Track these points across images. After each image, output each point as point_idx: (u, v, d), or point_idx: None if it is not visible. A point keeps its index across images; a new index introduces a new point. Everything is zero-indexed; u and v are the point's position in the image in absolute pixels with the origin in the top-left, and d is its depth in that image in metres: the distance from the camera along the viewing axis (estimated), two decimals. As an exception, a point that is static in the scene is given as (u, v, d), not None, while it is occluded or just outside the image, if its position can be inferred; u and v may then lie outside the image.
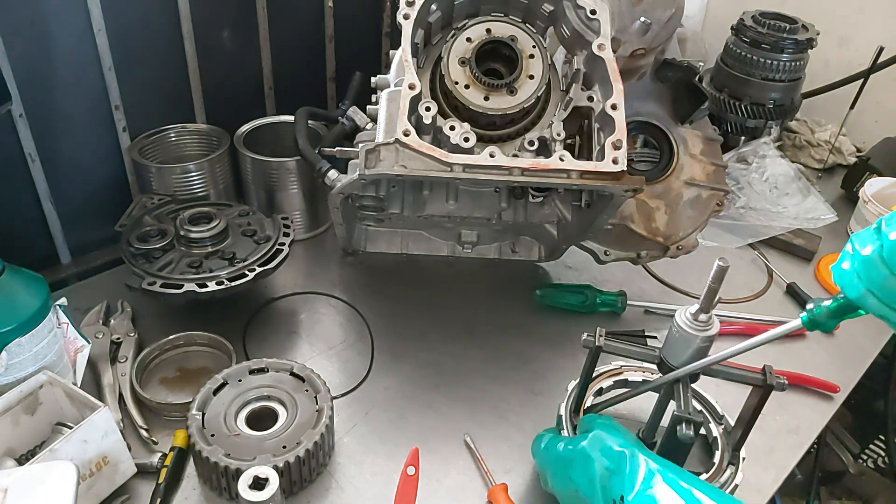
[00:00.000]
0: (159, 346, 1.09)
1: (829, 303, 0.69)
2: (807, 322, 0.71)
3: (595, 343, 0.84)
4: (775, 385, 0.82)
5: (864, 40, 1.65)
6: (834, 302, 0.69)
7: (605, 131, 0.94)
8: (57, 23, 1.13)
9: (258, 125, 1.42)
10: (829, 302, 0.69)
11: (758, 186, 1.57)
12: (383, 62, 1.70)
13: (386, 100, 0.96)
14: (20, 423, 0.87)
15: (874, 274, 0.62)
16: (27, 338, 0.86)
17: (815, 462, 1.61)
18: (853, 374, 1.21)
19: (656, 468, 0.70)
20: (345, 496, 0.93)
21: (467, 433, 1.01)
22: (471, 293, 1.32)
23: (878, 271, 0.61)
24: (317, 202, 1.41)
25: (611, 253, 1.25)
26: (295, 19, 1.48)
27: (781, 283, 1.42)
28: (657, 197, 1.20)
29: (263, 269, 1.11)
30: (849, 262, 0.64)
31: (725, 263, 0.73)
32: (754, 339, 0.77)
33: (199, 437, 0.89)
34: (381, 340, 1.19)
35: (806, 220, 1.51)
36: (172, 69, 1.34)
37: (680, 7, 1.12)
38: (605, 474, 0.74)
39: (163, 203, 1.23)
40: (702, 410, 0.94)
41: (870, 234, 0.63)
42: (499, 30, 0.98)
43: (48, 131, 1.18)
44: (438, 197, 1.22)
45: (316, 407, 0.95)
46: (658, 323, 1.27)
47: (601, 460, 0.75)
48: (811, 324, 0.71)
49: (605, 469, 0.74)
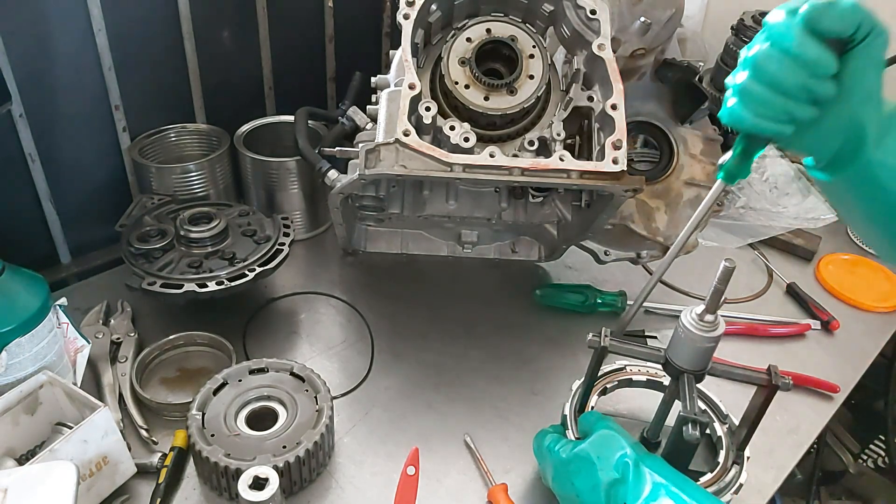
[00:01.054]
0: (159, 346, 1.09)
1: (732, 150, 0.73)
2: (724, 176, 0.75)
3: (601, 343, 0.84)
4: (781, 385, 0.82)
5: (864, 40, 1.65)
6: (735, 146, 0.73)
7: (605, 131, 0.95)
8: (57, 23, 1.13)
9: (258, 125, 1.42)
10: (730, 152, 0.73)
11: (758, 186, 1.57)
12: (383, 62, 1.70)
13: (386, 100, 0.96)
14: (20, 423, 0.87)
15: (750, 98, 0.67)
16: (27, 338, 0.86)
17: (815, 462, 1.61)
18: (853, 374, 1.20)
19: (661, 482, 0.71)
20: (345, 496, 0.93)
21: (467, 433, 1.01)
22: (471, 293, 1.32)
23: (753, 90, 0.66)
24: (317, 202, 1.41)
25: (611, 253, 1.25)
26: (295, 19, 1.48)
27: (781, 283, 1.42)
28: (657, 197, 1.20)
29: (263, 269, 1.11)
30: (732, 99, 0.69)
31: (732, 265, 0.73)
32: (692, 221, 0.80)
33: (199, 437, 0.88)
34: (381, 340, 1.19)
35: (806, 220, 1.51)
36: (172, 69, 1.34)
37: (680, 7, 1.12)
38: (609, 482, 0.75)
39: (163, 203, 1.23)
40: (706, 410, 0.94)
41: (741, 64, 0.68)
42: (499, 30, 0.98)
43: (48, 131, 1.18)
44: (438, 197, 1.22)
45: (316, 407, 0.95)
46: (658, 323, 1.27)
47: (606, 468, 0.76)
48: (728, 176, 0.74)
49: (610, 477, 0.75)
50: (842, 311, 1.34)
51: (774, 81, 0.65)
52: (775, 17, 0.65)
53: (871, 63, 0.65)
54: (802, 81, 0.64)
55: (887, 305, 1.36)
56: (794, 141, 0.70)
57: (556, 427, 0.92)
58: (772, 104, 0.66)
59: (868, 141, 0.67)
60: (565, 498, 0.83)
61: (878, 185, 0.69)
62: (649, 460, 0.75)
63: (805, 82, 0.64)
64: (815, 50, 0.63)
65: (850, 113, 0.67)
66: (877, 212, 0.74)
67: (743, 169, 0.74)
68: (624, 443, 0.77)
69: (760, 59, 0.66)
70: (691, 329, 0.78)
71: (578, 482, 0.78)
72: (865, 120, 0.67)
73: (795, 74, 0.64)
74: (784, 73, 0.64)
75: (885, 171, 0.68)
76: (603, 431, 0.80)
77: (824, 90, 0.65)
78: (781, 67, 0.64)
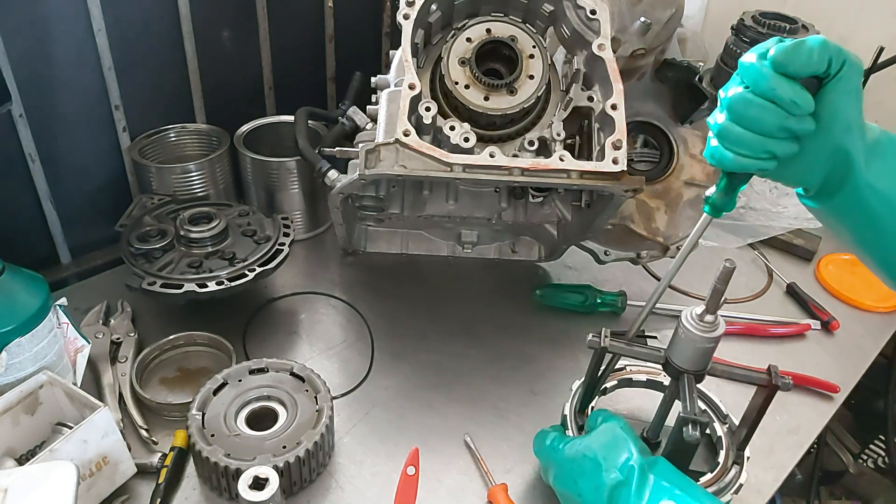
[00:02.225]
0: (159, 346, 1.09)
1: (717, 185, 0.73)
2: (710, 210, 0.75)
3: (601, 343, 0.84)
4: (781, 385, 0.82)
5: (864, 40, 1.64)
6: (720, 181, 0.73)
7: (605, 131, 0.95)
8: (57, 23, 1.13)
9: (258, 125, 1.42)
10: (714, 186, 0.74)
11: (758, 186, 1.57)
12: (383, 62, 1.69)
13: (386, 100, 0.96)
14: (20, 423, 0.87)
15: (730, 139, 0.67)
16: (27, 338, 0.86)
17: (815, 462, 1.61)
18: (853, 374, 1.20)
19: (666, 487, 0.70)
20: (345, 496, 0.93)
21: (467, 433, 1.01)
22: (471, 293, 1.32)
23: (732, 131, 0.67)
24: (317, 202, 1.41)
25: (611, 253, 1.25)
26: (295, 19, 1.48)
27: (781, 283, 1.42)
28: (657, 197, 1.20)
29: (263, 269, 1.11)
30: (714, 139, 0.70)
31: (732, 265, 0.73)
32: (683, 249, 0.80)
33: (199, 437, 0.88)
34: (381, 340, 1.19)
35: (806, 220, 1.51)
36: (172, 69, 1.34)
37: (680, 7, 1.12)
38: (613, 484, 0.74)
39: (163, 203, 1.23)
40: (706, 410, 0.94)
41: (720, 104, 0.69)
42: (499, 30, 0.98)
43: (48, 131, 1.18)
44: (438, 197, 1.22)
45: (316, 407, 0.95)
46: (658, 323, 1.27)
47: (611, 470, 0.75)
48: (714, 210, 0.75)
49: (615, 480, 0.74)
50: (842, 311, 1.34)
51: (753, 124, 0.66)
52: (747, 59, 0.66)
53: (848, 94, 0.66)
54: (780, 122, 0.65)
55: (887, 305, 1.36)
56: (779, 174, 0.71)
57: (557, 427, 0.92)
58: (751, 144, 0.66)
59: (855, 166, 0.68)
60: (566, 497, 0.82)
61: (867, 210, 0.69)
62: (657, 465, 0.74)
63: (783, 123, 0.65)
64: (789, 91, 0.63)
65: (833, 143, 0.67)
66: (869, 239, 0.74)
67: (728, 202, 0.74)
68: (632, 446, 0.76)
69: (736, 103, 0.66)
70: (691, 329, 0.78)
71: (582, 482, 0.78)
72: (850, 147, 0.67)
73: (773, 116, 0.65)
74: (761, 115, 0.65)
75: (875, 195, 0.68)
76: (611, 429, 0.80)
77: (803, 127, 0.65)
78: (758, 110, 0.65)
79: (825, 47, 0.63)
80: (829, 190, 0.71)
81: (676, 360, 0.81)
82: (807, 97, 0.64)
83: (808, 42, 0.63)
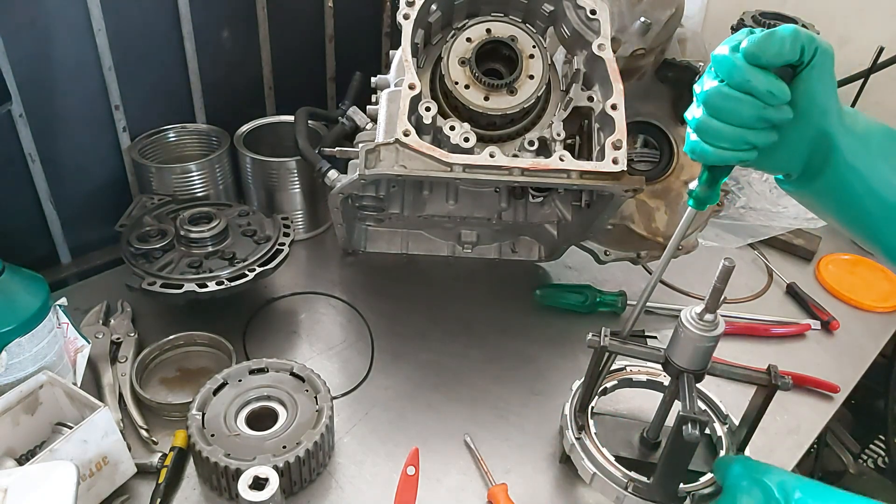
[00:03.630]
0: (159, 346, 1.09)
1: (699, 178, 0.74)
2: (694, 204, 0.75)
3: (601, 343, 0.84)
4: (781, 385, 0.82)
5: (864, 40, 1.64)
6: (701, 175, 0.74)
7: (605, 131, 0.95)
8: (57, 23, 1.13)
9: (258, 125, 1.42)
10: (696, 180, 0.74)
11: (758, 186, 1.57)
12: (383, 62, 1.70)
13: (386, 100, 0.96)
14: (20, 423, 0.87)
15: (708, 133, 0.68)
16: (27, 338, 0.86)
17: (815, 462, 1.61)
18: (853, 374, 1.21)
19: None
20: (345, 496, 0.93)
21: (467, 433, 1.01)
22: (471, 293, 1.32)
23: (711, 126, 0.67)
24: (317, 202, 1.41)
25: (611, 253, 1.25)
26: (295, 19, 1.48)
27: (781, 283, 1.42)
28: (657, 197, 1.20)
29: (263, 269, 1.11)
30: (693, 134, 0.70)
31: (731, 264, 0.73)
32: None
33: (199, 437, 0.88)
34: (381, 340, 1.19)
35: (806, 220, 1.51)
36: (172, 69, 1.34)
37: (680, 7, 1.12)
38: None
39: (163, 203, 1.23)
40: (706, 410, 0.94)
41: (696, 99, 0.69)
42: (499, 30, 0.98)
43: (48, 131, 1.18)
44: (438, 197, 1.22)
45: (316, 407, 0.95)
46: (658, 323, 1.27)
47: None
48: (698, 203, 0.75)
49: None
50: (842, 311, 1.34)
51: (730, 116, 0.66)
52: (720, 51, 0.66)
53: (823, 81, 0.66)
54: (758, 113, 0.65)
55: (887, 305, 1.36)
56: (760, 163, 0.71)
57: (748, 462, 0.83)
58: (731, 137, 0.66)
59: (836, 148, 0.68)
60: None
61: (849, 190, 0.70)
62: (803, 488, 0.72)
63: (760, 113, 0.65)
64: (764, 82, 0.63)
65: (813, 129, 0.68)
66: (852, 219, 0.74)
67: (712, 195, 0.74)
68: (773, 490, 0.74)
69: (712, 97, 0.66)
70: (691, 328, 0.78)
71: None
72: (830, 129, 0.68)
73: (750, 107, 0.65)
74: (738, 107, 0.65)
75: (856, 176, 0.69)
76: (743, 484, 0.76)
77: (781, 116, 0.66)
78: (734, 103, 0.65)
79: (796, 36, 0.63)
80: (810, 174, 0.71)
81: (676, 360, 0.81)
82: (782, 87, 0.64)
83: (780, 31, 0.63)
